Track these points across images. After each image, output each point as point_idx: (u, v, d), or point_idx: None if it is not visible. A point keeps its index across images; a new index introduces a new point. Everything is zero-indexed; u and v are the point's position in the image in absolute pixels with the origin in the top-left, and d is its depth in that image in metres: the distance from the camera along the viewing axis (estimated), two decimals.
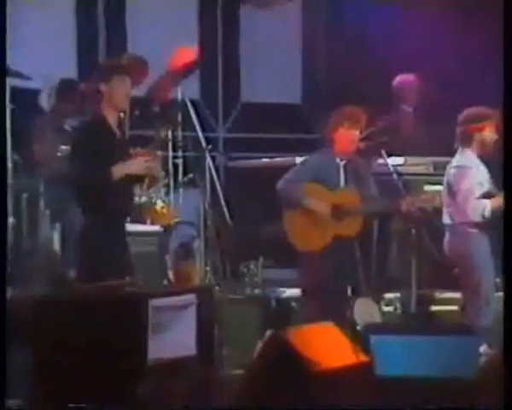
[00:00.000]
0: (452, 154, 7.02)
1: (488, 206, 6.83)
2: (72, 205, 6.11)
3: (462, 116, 6.93)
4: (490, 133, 6.89)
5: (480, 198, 6.85)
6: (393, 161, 7.47)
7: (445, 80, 8.31)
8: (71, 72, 8.51)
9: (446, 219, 6.96)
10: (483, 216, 6.82)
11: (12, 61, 7.48)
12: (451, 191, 6.93)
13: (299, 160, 7.32)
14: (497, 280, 7.65)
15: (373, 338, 4.78)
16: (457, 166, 6.95)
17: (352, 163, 6.94)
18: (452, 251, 6.95)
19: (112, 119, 5.58)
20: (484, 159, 6.97)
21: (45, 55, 8.22)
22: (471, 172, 6.90)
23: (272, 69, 9.72)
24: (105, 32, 9.16)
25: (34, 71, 7.64)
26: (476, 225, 6.86)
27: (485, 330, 6.30)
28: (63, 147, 7.20)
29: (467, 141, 6.92)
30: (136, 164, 5.59)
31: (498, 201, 6.79)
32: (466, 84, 8.20)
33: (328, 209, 6.80)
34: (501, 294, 7.71)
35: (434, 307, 7.46)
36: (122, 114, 5.74)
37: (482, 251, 6.91)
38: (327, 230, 6.81)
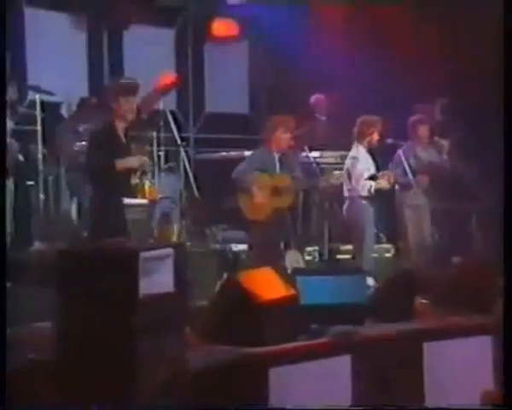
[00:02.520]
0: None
1: (373, 185, 7.00)
2: (85, 185, 6.09)
3: (358, 121, 7.10)
4: (375, 135, 7.05)
5: (367, 179, 7.00)
6: (313, 154, 7.55)
7: (348, 96, 8.38)
8: (83, 89, 8.45)
9: (345, 193, 7.11)
10: (369, 191, 6.98)
11: (41, 82, 7.48)
12: (349, 174, 7.08)
13: (247, 153, 7.34)
14: (381, 235, 7.85)
15: (298, 278, 4.76)
16: (352, 157, 7.10)
17: (284, 156, 7.00)
18: (348, 215, 7.09)
19: (120, 127, 5.51)
20: (372, 151, 7.17)
21: (65, 77, 8.15)
22: (361, 162, 7.05)
23: (228, 89, 9.72)
24: (108, 60, 9.09)
25: (57, 89, 7.58)
26: (363, 197, 7.02)
27: (371, 270, 6.42)
28: (78, 144, 7.18)
29: (361, 139, 7.08)
30: (135, 160, 5.54)
31: (381, 182, 7.00)
32: (363, 97, 8.27)
33: (264, 198, 6.78)
34: (385, 245, 7.95)
35: (340, 256, 7.57)
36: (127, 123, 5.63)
37: (367, 215, 7.05)
38: (269, 204, 6.84)
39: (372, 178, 7.02)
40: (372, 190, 6.96)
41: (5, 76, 3.79)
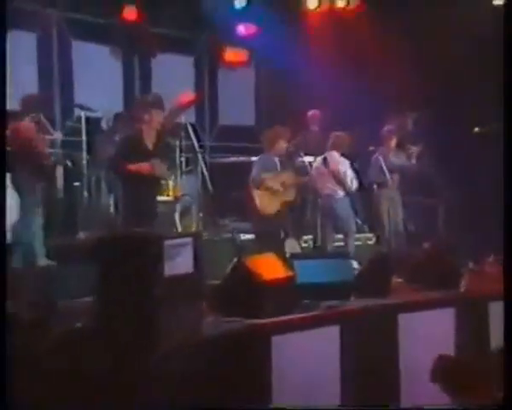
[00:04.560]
0: None
1: (355, 181, 7.02)
2: (121, 183, 6.03)
3: (332, 135, 7.13)
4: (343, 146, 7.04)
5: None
6: (307, 158, 7.49)
7: (336, 111, 8.32)
8: (119, 107, 8.40)
9: (327, 191, 7.01)
10: (354, 186, 6.93)
11: (85, 101, 7.45)
12: (330, 170, 6.94)
13: (253, 158, 7.27)
14: (364, 226, 7.78)
15: (295, 262, 4.72)
16: (336, 160, 7.07)
17: (283, 159, 6.94)
18: (334, 208, 7.03)
19: (149, 135, 5.45)
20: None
21: (104, 97, 8.10)
22: (345, 161, 7.06)
23: (237, 105, 9.66)
24: (139, 80, 9.00)
25: (98, 106, 7.55)
26: (347, 193, 7.01)
27: (353, 255, 6.35)
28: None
29: (334, 148, 7.02)
30: (157, 168, 5.46)
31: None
32: (348, 112, 8.16)
33: (279, 184, 6.70)
34: (367, 235, 7.88)
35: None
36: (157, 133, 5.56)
37: (346, 207, 7.01)
38: (279, 199, 6.76)
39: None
40: (356, 186, 6.97)
41: (5, 78, 3.65)
